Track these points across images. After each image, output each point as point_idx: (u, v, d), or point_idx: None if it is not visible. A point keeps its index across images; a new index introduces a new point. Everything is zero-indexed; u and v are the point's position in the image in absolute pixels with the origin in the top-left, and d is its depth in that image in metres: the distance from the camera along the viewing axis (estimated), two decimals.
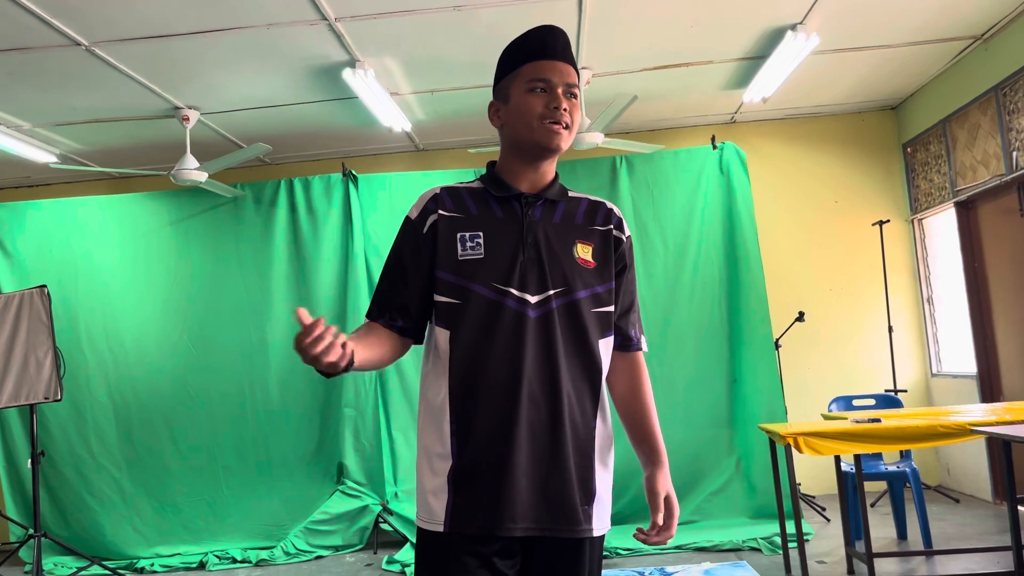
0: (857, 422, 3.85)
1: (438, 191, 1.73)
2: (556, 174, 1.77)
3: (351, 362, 1.51)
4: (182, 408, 5.77)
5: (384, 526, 5.51)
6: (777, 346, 5.70)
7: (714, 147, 5.72)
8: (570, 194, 1.78)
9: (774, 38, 4.99)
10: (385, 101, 5.45)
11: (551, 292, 1.65)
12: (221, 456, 5.74)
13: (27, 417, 5.49)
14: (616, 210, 1.80)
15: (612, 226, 1.76)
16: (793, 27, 4.82)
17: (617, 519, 5.33)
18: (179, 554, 5.57)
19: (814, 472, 5.92)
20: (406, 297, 1.70)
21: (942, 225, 6.22)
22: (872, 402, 5.03)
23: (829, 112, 6.67)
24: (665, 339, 5.59)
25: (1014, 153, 5.11)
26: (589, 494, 1.64)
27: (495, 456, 1.59)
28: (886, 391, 6.01)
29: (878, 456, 4.99)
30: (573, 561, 1.63)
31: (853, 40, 5.20)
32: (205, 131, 6.00)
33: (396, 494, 5.65)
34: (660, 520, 1.68)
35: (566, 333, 1.65)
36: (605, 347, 1.71)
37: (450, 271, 1.66)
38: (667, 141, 6.46)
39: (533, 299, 1.64)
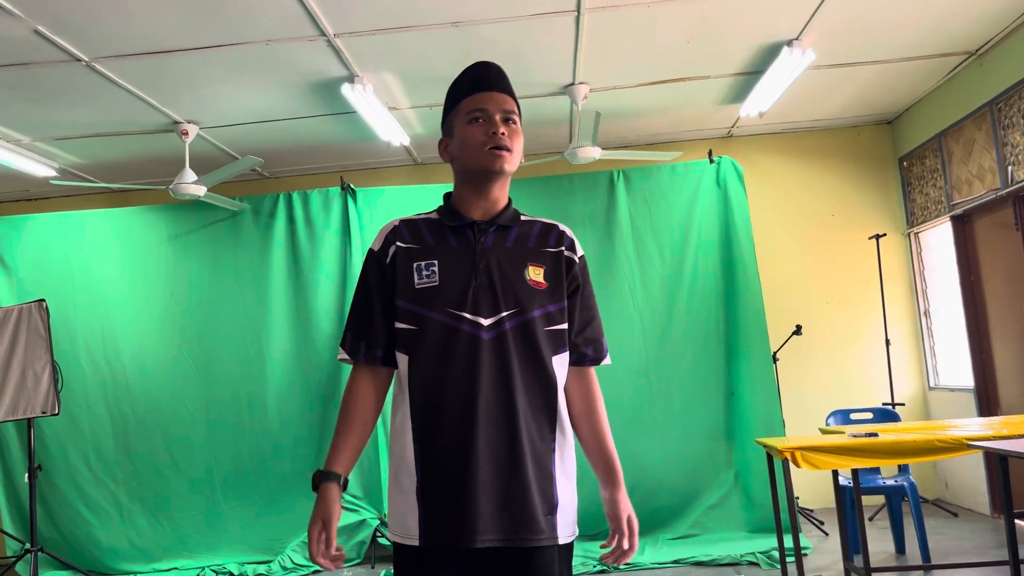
0: (854, 436, 3.85)
1: (397, 223, 1.83)
2: (509, 200, 1.85)
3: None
4: (180, 422, 5.76)
5: (382, 540, 5.48)
6: (775, 359, 5.71)
7: (711, 161, 5.75)
8: (523, 218, 1.85)
9: (770, 53, 5.03)
10: (384, 116, 5.47)
11: (504, 314, 1.72)
12: (218, 469, 5.73)
13: (24, 431, 5.49)
14: (568, 232, 1.88)
15: (564, 247, 1.84)
16: (789, 43, 4.85)
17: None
18: (176, 568, 5.55)
19: (812, 486, 5.92)
20: (378, 325, 1.78)
21: (938, 239, 6.25)
22: (870, 415, 5.02)
23: (825, 126, 6.70)
24: (663, 352, 5.61)
25: (1009, 167, 5.13)
26: (550, 504, 1.72)
27: (456, 474, 1.67)
28: (884, 404, 6.02)
29: (876, 470, 4.99)
30: (542, 569, 1.70)
31: (849, 55, 5.23)
32: (204, 145, 6.02)
33: None
34: (627, 545, 1.79)
35: (520, 352, 1.72)
36: (560, 363, 1.78)
37: (408, 299, 1.74)
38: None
39: (486, 322, 1.72)
